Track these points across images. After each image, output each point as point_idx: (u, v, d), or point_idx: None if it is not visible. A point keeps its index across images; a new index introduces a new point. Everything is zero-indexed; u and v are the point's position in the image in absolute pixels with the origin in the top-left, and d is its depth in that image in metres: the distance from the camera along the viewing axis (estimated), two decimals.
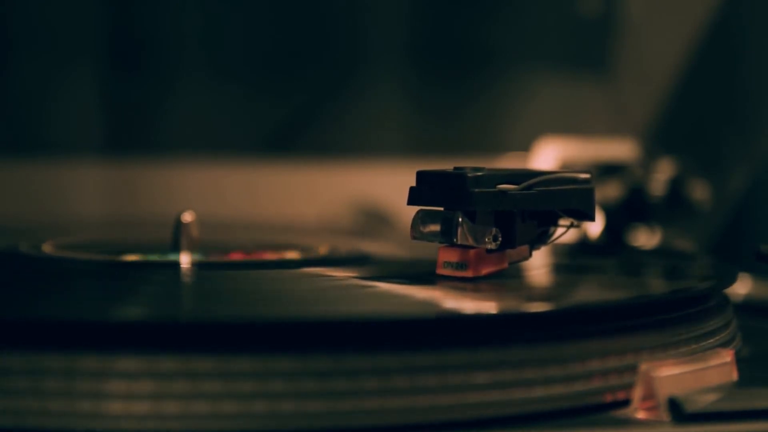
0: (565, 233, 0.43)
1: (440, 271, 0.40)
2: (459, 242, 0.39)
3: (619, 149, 0.67)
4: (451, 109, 0.84)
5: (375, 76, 0.82)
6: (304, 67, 0.81)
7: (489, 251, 0.40)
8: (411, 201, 0.40)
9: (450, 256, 0.40)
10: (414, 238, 0.40)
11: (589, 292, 0.43)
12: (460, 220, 0.39)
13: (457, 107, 0.83)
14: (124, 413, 0.31)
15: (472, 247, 0.40)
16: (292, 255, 0.50)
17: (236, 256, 0.49)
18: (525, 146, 0.73)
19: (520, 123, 0.83)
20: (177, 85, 0.79)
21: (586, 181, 0.42)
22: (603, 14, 0.84)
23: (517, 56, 0.83)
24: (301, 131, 0.82)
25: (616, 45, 0.84)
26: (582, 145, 0.67)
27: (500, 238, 0.40)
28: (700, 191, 0.64)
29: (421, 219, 0.40)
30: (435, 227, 0.40)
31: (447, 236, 0.40)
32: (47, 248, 0.51)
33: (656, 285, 0.47)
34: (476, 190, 0.39)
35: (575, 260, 0.53)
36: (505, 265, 0.41)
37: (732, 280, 0.44)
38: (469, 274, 0.40)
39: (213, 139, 0.80)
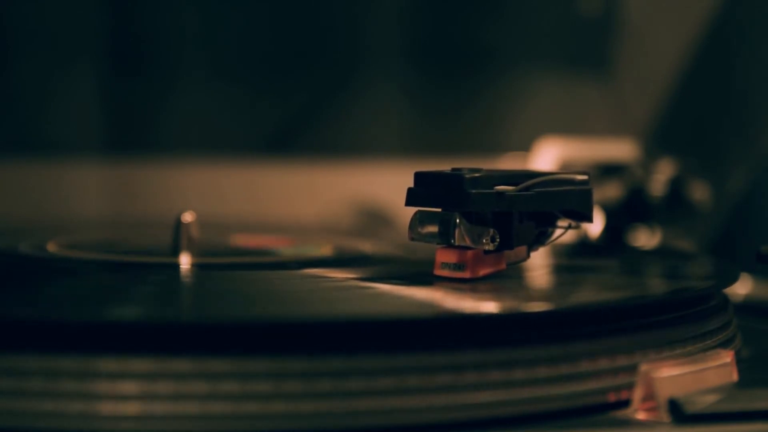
0: (563, 234, 0.43)
1: (438, 272, 0.40)
2: (457, 243, 0.39)
3: (619, 149, 0.67)
4: (450, 109, 0.84)
5: (374, 76, 0.82)
6: (303, 67, 0.81)
7: (487, 252, 0.40)
8: (409, 202, 0.40)
9: (448, 257, 0.40)
10: (412, 239, 0.40)
11: (589, 293, 0.43)
12: (458, 221, 0.39)
13: (457, 107, 0.83)
14: (113, 414, 0.31)
15: (469, 248, 0.40)
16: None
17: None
18: (525, 146, 0.73)
19: (520, 123, 0.83)
20: (177, 85, 0.79)
21: (583, 182, 0.42)
22: (603, 14, 0.84)
23: (517, 56, 0.83)
24: (301, 131, 0.82)
25: (616, 45, 0.84)
26: (582, 145, 0.67)
27: (498, 239, 0.40)
28: (700, 192, 0.64)
29: (419, 220, 0.40)
30: (433, 228, 0.40)
31: (444, 237, 0.40)
32: (47, 248, 0.51)
33: (656, 285, 0.47)
34: (474, 191, 0.39)
35: (575, 260, 0.53)
36: (503, 266, 0.41)
37: (733, 279, 0.44)
38: (466, 275, 0.40)
39: (213, 139, 0.80)
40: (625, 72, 0.84)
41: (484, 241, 0.40)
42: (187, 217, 0.48)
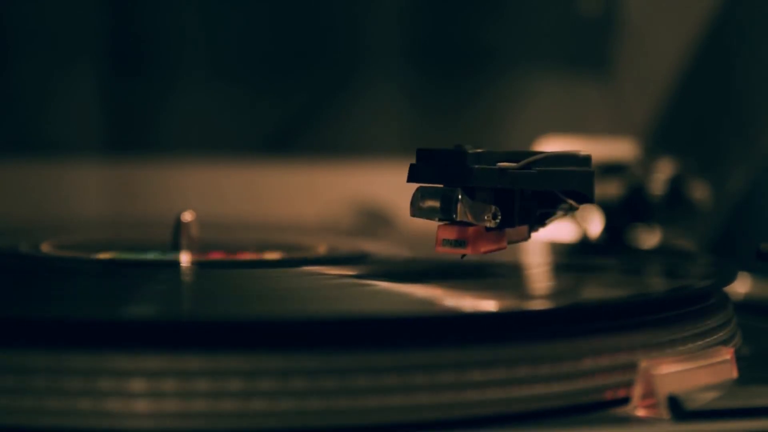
0: (564, 215, 0.43)
1: (439, 249, 0.40)
2: (458, 219, 0.39)
3: (619, 149, 0.67)
4: (451, 109, 0.84)
5: (375, 76, 0.82)
6: (303, 67, 0.81)
7: (488, 229, 0.40)
8: (411, 178, 0.40)
9: (449, 233, 0.40)
10: (413, 215, 0.40)
11: (589, 291, 0.43)
12: (460, 196, 0.39)
13: (457, 107, 0.83)
14: (121, 411, 0.31)
15: (471, 225, 0.40)
16: (279, 254, 0.50)
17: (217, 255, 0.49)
18: (525, 146, 0.73)
19: (520, 123, 0.83)
20: (177, 85, 0.79)
21: (586, 160, 0.42)
22: (603, 14, 0.84)
23: (517, 56, 0.83)
24: (301, 131, 0.82)
25: (616, 45, 0.84)
26: (582, 144, 0.67)
27: (499, 217, 0.40)
28: (700, 191, 0.64)
29: (420, 195, 0.40)
30: (434, 203, 0.39)
31: (446, 213, 0.39)
32: (47, 248, 0.51)
33: (656, 283, 0.47)
34: (476, 166, 0.39)
35: (575, 259, 0.53)
36: (504, 245, 0.41)
37: (732, 277, 0.44)
38: (467, 251, 0.40)
39: (213, 139, 0.80)
40: (625, 72, 0.84)
41: (485, 217, 0.40)
42: (187, 216, 0.48)
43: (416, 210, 0.40)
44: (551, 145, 0.67)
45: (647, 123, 0.81)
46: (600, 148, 0.67)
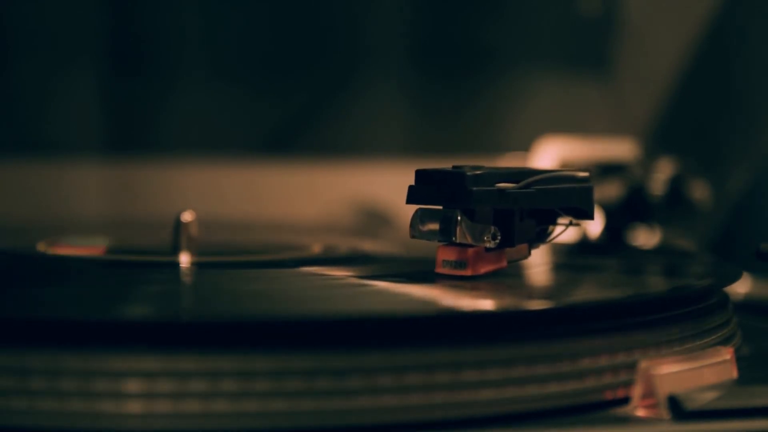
0: (563, 232, 0.43)
1: (439, 269, 0.40)
2: (458, 241, 0.39)
3: (619, 149, 0.67)
4: (451, 109, 0.84)
5: (375, 76, 0.82)
6: (303, 67, 0.81)
7: (488, 250, 0.40)
8: (410, 200, 0.40)
9: (449, 254, 0.40)
10: (413, 236, 0.40)
11: (589, 290, 0.43)
12: (459, 218, 0.39)
13: (457, 107, 0.83)
14: (116, 412, 0.31)
15: (471, 246, 0.40)
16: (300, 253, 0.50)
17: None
18: (525, 146, 0.73)
19: (520, 123, 0.83)
20: (177, 85, 0.79)
21: (584, 179, 0.42)
22: (603, 14, 0.84)
23: (517, 56, 0.83)
24: (301, 131, 0.82)
25: (616, 45, 0.84)
26: (582, 144, 0.67)
27: (499, 237, 0.40)
28: (700, 191, 0.64)
29: (420, 218, 0.40)
30: (434, 226, 0.40)
31: (446, 235, 0.40)
32: (46, 248, 0.51)
33: (656, 283, 0.47)
34: (475, 188, 0.39)
35: (575, 259, 0.53)
36: (504, 264, 0.41)
37: (735, 277, 0.44)
38: (468, 272, 0.40)
39: (213, 139, 0.80)
40: (625, 72, 0.84)
41: (485, 238, 0.40)
42: (187, 216, 0.48)
43: (416, 232, 0.40)
44: (551, 145, 0.67)
45: (647, 123, 0.81)
46: (600, 148, 0.67)
